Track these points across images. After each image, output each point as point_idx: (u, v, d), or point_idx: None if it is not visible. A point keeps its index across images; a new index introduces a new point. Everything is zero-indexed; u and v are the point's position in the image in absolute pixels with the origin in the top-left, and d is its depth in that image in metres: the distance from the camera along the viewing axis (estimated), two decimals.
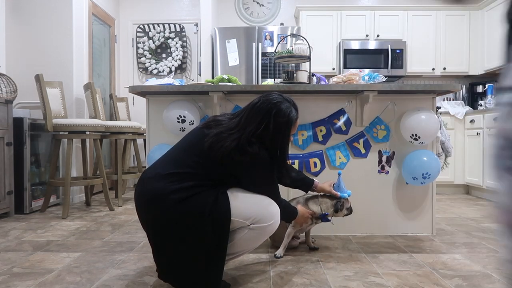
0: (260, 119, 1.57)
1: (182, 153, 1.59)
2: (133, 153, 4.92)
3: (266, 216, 1.54)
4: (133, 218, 3.03)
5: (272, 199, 1.62)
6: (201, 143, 1.55)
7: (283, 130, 1.61)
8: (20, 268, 1.89)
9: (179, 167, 1.53)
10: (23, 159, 3.20)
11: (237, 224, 1.52)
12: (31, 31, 3.76)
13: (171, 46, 5.00)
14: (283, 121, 1.60)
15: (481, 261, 1.99)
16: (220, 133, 1.54)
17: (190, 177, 1.51)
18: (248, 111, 1.61)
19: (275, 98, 1.63)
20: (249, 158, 1.51)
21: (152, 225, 1.51)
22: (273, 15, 5.12)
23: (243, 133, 1.54)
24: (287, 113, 1.62)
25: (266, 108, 1.59)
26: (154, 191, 1.49)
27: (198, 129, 1.65)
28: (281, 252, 2.05)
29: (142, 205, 1.53)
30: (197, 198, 1.46)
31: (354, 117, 2.52)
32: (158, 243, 1.52)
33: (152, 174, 1.55)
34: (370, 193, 2.53)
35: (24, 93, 3.72)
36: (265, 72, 4.41)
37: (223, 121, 1.63)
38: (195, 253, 1.47)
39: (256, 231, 1.53)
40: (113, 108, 4.39)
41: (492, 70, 4.49)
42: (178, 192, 1.46)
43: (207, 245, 1.46)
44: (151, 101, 2.56)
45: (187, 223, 1.45)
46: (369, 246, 2.26)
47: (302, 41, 2.67)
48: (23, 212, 3.20)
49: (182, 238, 1.46)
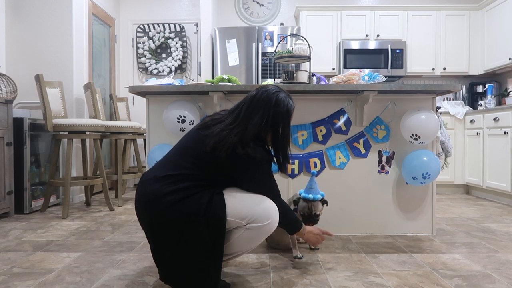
0: (262, 111, 1.58)
1: (178, 155, 1.58)
2: (133, 153, 4.93)
3: (263, 215, 1.51)
4: (133, 218, 3.03)
5: (272, 200, 1.59)
6: (200, 145, 1.54)
7: (284, 120, 1.62)
8: (20, 268, 1.89)
9: (175, 169, 1.52)
10: (23, 159, 3.20)
11: (233, 224, 1.51)
12: (31, 31, 3.76)
13: (171, 46, 5.00)
14: (283, 111, 1.61)
15: (481, 261, 1.99)
16: (221, 131, 1.53)
17: (186, 178, 1.50)
18: (247, 104, 1.61)
19: (273, 89, 1.65)
20: (249, 156, 1.50)
21: (150, 227, 1.51)
22: (273, 15, 5.12)
23: (246, 127, 1.54)
24: (286, 102, 1.63)
25: (266, 99, 1.60)
26: (151, 193, 1.49)
27: (194, 131, 1.64)
28: (297, 252, 2.00)
29: (141, 208, 1.53)
30: (192, 199, 1.46)
31: (354, 117, 2.52)
32: (156, 244, 1.52)
33: (150, 177, 1.55)
34: (370, 193, 2.53)
35: (24, 93, 3.72)
36: (265, 72, 4.41)
37: (220, 119, 1.61)
38: (191, 254, 1.47)
39: (253, 231, 1.51)
40: (113, 108, 4.39)
41: (492, 70, 4.49)
42: (173, 193, 1.46)
43: (204, 246, 1.45)
44: (151, 101, 2.56)
45: (182, 224, 1.44)
46: (369, 246, 2.25)
47: (302, 41, 2.67)
48: (23, 212, 3.20)
49: (179, 239, 1.46)
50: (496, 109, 3.78)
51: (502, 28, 4.26)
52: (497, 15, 4.36)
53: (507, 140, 3.58)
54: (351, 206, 2.53)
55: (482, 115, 3.99)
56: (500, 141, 3.68)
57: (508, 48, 4.17)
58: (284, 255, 2.07)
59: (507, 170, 3.57)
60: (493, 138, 3.79)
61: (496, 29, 4.37)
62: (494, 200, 3.90)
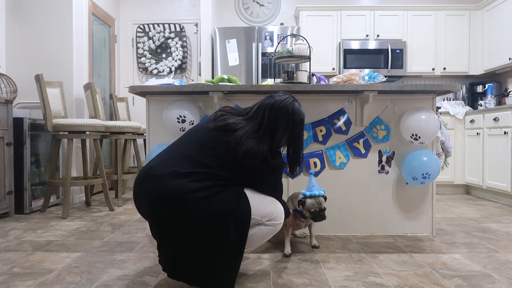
0: (284, 120, 1.66)
1: (197, 152, 1.56)
2: (133, 153, 4.93)
3: (279, 214, 1.67)
4: (133, 218, 3.03)
5: (278, 199, 1.74)
6: (223, 146, 1.56)
7: (300, 128, 1.73)
8: (20, 268, 1.89)
9: (198, 166, 1.52)
10: (23, 159, 3.20)
11: (254, 222, 1.60)
12: (31, 31, 3.76)
13: (171, 46, 5.00)
14: (299, 120, 1.71)
15: (481, 261, 1.99)
16: (247, 138, 1.57)
17: (210, 177, 1.52)
18: (268, 112, 1.65)
19: (289, 98, 1.73)
20: (278, 165, 1.66)
21: (170, 223, 1.48)
22: (273, 15, 5.12)
23: (273, 137, 1.63)
24: (300, 111, 1.73)
25: (285, 108, 1.68)
26: (174, 188, 1.46)
27: (210, 130, 1.62)
28: (289, 250, 2.09)
29: (157, 202, 1.49)
30: (219, 197, 1.49)
31: (354, 117, 2.52)
32: (175, 241, 1.50)
33: (167, 171, 1.50)
34: (370, 193, 2.53)
35: (24, 93, 3.72)
36: (265, 72, 4.41)
37: (240, 123, 1.63)
38: (216, 251, 1.49)
39: (269, 228, 1.64)
40: (113, 108, 4.39)
41: (492, 70, 4.49)
42: (199, 191, 1.46)
43: (228, 244, 1.49)
44: (151, 101, 2.56)
45: (209, 222, 1.46)
46: (369, 246, 2.25)
47: (302, 41, 2.67)
48: (23, 212, 3.20)
49: (202, 237, 1.47)
50: (496, 109, 3.78)
51: (502, 28, 4.26)
52: (497, 15, 4.36)
53: (507, 140, 3.58)
54: (351, 206, 2.53)
55: (482, 115, 3.99)
56: (500, 141, 3.68)
57: (508, 48, 4.17)
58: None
59: (507, 170, 3.57)
60: (493, 138, 3.79)
61: (496, 29, 4.37)
62: (494, 200, 3.90)
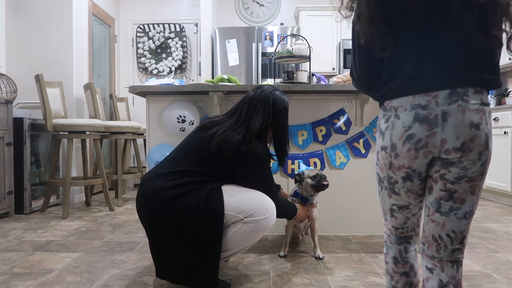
0: (262, 110, 1.65)
1: (180, 155, 1.64)
2: (133, 153, 4.92)
3: (260, 209, 1.54)
4: (133, 218, 3.03)
5: (268, 194, 1.63)
6: (202, 144, 1.59)
7: (283, 116, 1.72)
8: (20, 268, 1.89)
9: (177, 166, 1.57)
10: (23, 159, 3.20)
11: (231, 218, 1.53)
12: (31, 31, 3.76)
13: (171, 46, 5.00)
14: (281, 108, 1.71)
15: (481, 261, 1.99)
16: (224, 132, 1.58)
17: (188, 174, 1.54)
18: (247, 104, 1.67)
19: (269, 88, 1.73)
20: (253, 152, 1.56)
21: (148, 222, 1.55)
22: (273, 15, 5.12)
23: (249, 126, 1.61)
24: (283, 99, 1.73)
25: (264, 98, 1.68)
26: (151, 189, 1.54)
27: (194, 133, 1.71)
28: (285, 251, 2.07)
29: (141, 204, 1.58)
30: (191, 194, 1.49)
31: (354, 117, 2.52)
32: (155, 239, 1.55)
33: (150, 175, 1.61)
34: (370, 193, 2.53)
35: (24, 93, 3.72)
36: (265, 72, 4.41)
37: (220, 121, 1.67)
38: (189, 248, 1.49)
39: (250, 225, 1.53)
40: (113, 108, 4.39)
41: None
42: (173, 188, 1.50)
43: (201, 240, 1.48)
44: (151, 101, 2.56)
45: (180, 219, 1.47)
46: (369, 246, 2.25)
47: (302, 41, 2.67)
48: (23, 212, 3.19)
49: (177, 233, 1.49)
50: (496, 109, 3.78)
51: None
52: None
53: (507, 140, 3.58)
54: (351, 206, 2.53)
55: None
56: (500, 141, 3.68)
57: None
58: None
59: (507, 170, 3.57)
60: (493, 138, 3.79)
61: None
62: (494, 200, 3.90)
